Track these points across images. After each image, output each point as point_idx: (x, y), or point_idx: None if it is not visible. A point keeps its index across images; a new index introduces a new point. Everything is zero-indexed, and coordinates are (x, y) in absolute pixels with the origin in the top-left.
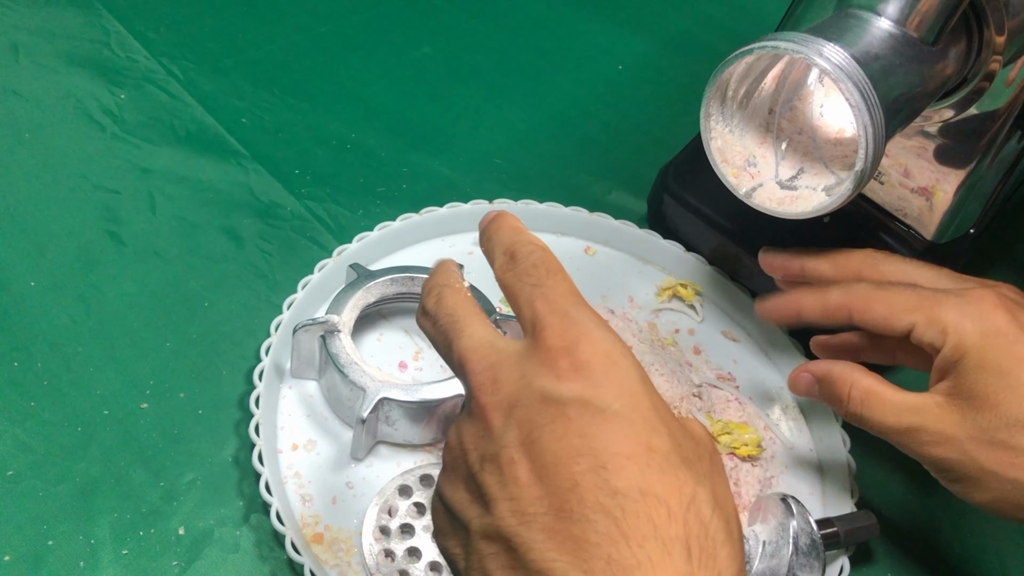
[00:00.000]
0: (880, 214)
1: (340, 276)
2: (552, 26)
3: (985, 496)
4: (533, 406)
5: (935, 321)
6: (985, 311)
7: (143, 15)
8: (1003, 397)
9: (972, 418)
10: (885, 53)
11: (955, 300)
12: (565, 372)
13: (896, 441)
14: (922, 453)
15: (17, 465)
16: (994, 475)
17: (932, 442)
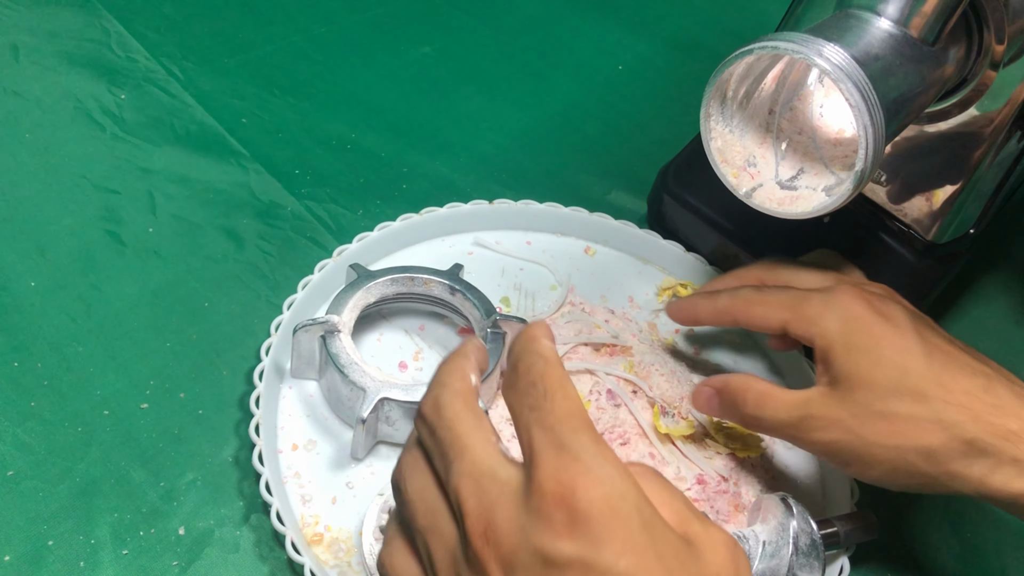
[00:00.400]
0: (880, 214)
1: (340, 276)
2: (552, 26)
3: (876, 471)
4: (534, 568)
5: (803, 318)
6: (844, 303)
7: (143, 15)
8: (872, 372)
9: (851, 398)
10: (885, 53)
11: (819, 297)
12: (563, 528)
13: (790, 435)
14: (814, 440)
15: (17, 465)
16: (879, 447)
17: (820, 427)
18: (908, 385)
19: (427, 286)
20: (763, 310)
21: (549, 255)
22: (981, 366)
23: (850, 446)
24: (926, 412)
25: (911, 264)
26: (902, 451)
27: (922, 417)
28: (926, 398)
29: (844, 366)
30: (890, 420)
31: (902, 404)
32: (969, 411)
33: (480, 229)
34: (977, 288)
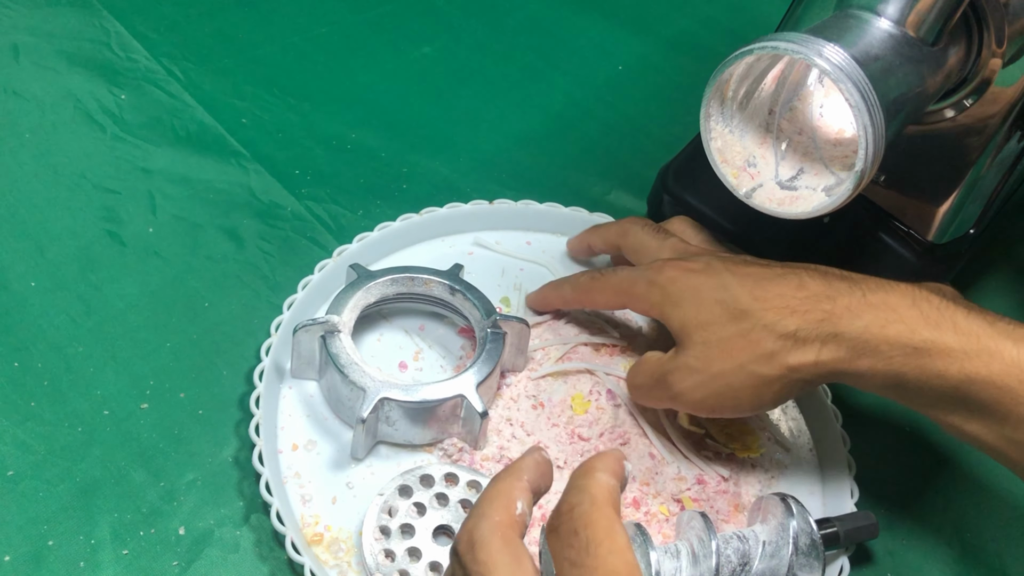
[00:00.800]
0: (880, 214)
1: (340, 276)
2: (552, 26)
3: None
4: None
5: (635, 298)
6: (664, 275)
7: (143, 15)
8: (698, 315)
9: (691, 343)
10: (885, 53)
11: (644, 278)
12: None
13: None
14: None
15: (17, 465)
16: (728, 372)
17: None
18: (729, 310)
19: (427, 286)
20: (603, 297)
21: (549, 255)
22: (791, 270)
23: (707, 385)
24: (750, 324)
25: (911, 264)
26: (746, 365)
27: (748, 330)
28: (746, 314)
29: (677, 320)
30: (725, 345)
31: (729, 327)
32: (785, 308)
33: (480, 229)
34: (977, 288)
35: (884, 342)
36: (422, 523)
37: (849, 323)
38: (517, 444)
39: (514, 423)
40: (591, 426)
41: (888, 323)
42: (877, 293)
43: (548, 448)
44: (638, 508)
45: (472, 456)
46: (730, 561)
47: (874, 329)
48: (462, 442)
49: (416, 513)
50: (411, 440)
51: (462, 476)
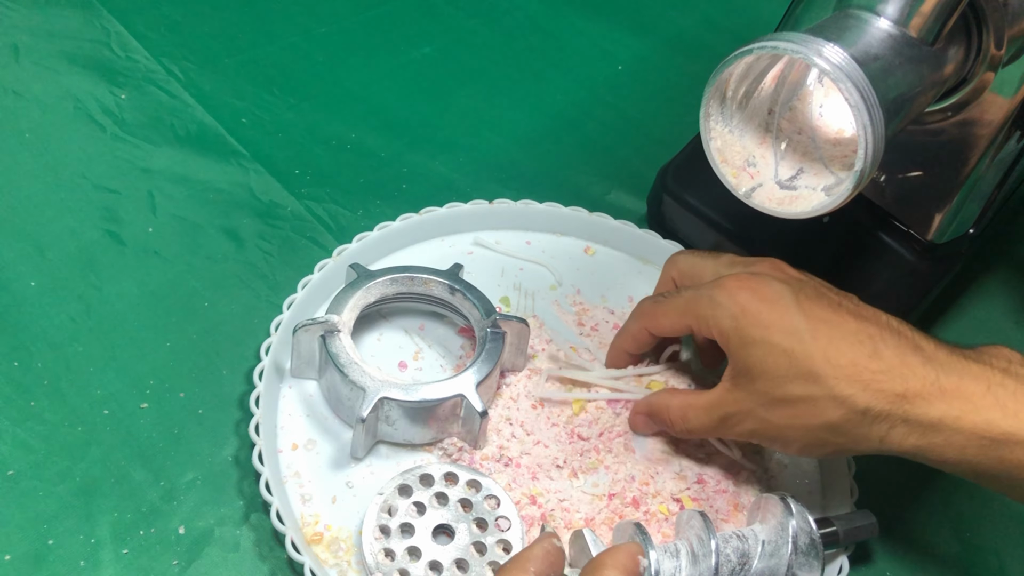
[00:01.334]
0: (879, 214)
1: (340, 276)
2: (552, 26)
3: (794, 448)
4: None
5: (700, 319)
6: (730, 296)
7: (143, 15)
8: (765, 362)
9: (753, 389)
10: (884, 53)
11: (708, 295)
12: None
13: (718, 435)
14: (737, 433)
15: (17, 465)
16: (788, 427)
17: (737, 422)
18: (799, 368)
19: (427, 286)
20: (667, 320)
21: (549, 255)
22: (866, 329)
23: (766, 431)
24: (820, 391)
25: (911, 264)
26: (810, 429)
27: (817, 397)
28: (817, 378)
29: (742, 360)
30: (791, 404)
31: (797, 387)
32: (858, 382)
33: (480, 229)
34: (977, 288)
35: (958, 433)
36: (422, 522)
37: (923, 411)
38: (517, 443)
39: (514, 423)
40: (591, 426)
41: (963, 414)
42: (951, 376)
43: (548, 447)
44: (638, 508)
45: (472, 456)
46: (729, 560)
47: (948, 420)
48: (462, 442)
49: (416, 512)
50: (411, 440)
51: (462, 476)
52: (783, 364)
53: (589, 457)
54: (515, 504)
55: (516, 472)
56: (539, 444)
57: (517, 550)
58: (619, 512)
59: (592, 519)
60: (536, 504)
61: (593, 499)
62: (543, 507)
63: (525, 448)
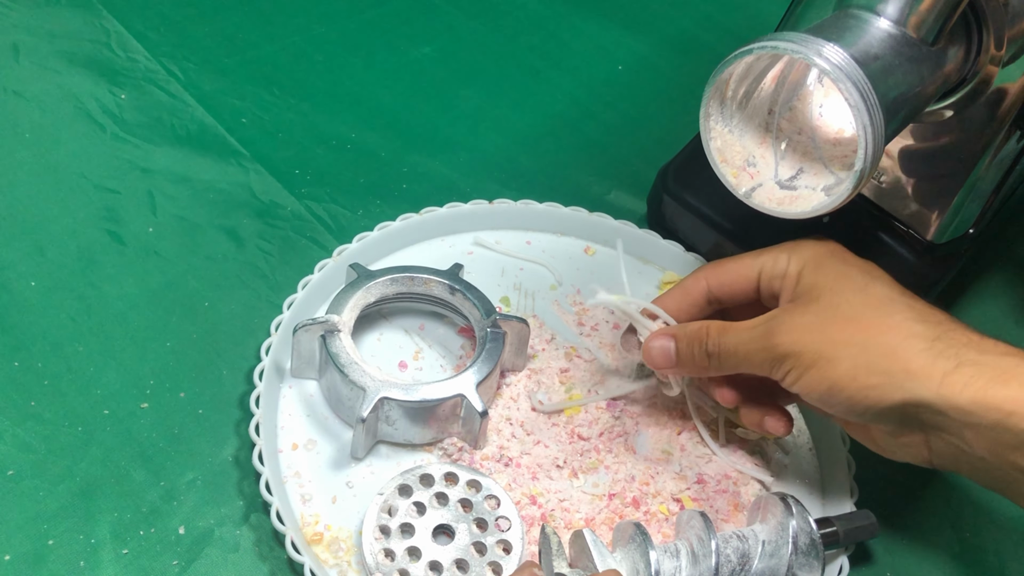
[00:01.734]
0: (879, 214)
1: (340, 276)
2: (552, 26)
3: (839, 368)
4: None
5: (778, 254)
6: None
7: (143, 15)
8: (840, 283)
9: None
10: (884, 53)
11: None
12: None
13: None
14: (776, 344)
15: (17, 465)
16: (844, 344)
17: (784, 332)
18: (875, 294)
19: (427, 286)
20: (735, 264)
21: (549, 255)
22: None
23: (814, 345)
24: (892, 319)
25: (911, 264)
26: (866, 347)
27: (888, 322)
28: (893, 302)
29: (814, 280)
30: (856, 321)
31: (868, 309)
32: (934, 315)
33: (480, 229)
34: (977, 288)
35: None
36: (422, 522)
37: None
38: (517, 443)
39: (514, 423)
40: (591, 426)
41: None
42: None
43: (548, 447)
44: (638, 508)
45: (472, 456)
46: (729, 560)
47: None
48: (462, 441)
49: (416, 512)
50: (411, 440)
51: (462, 476)
52: (859, 287)
53: (589, 457)
54: (515, 504)
55: (516, 472)
56: (539, 444)
57: (517, 550)
58: (619, 512)
59: (592, 519)
60: (536, 504)
61: (593, 499)
62: (543, 507)
63: (525, 448)
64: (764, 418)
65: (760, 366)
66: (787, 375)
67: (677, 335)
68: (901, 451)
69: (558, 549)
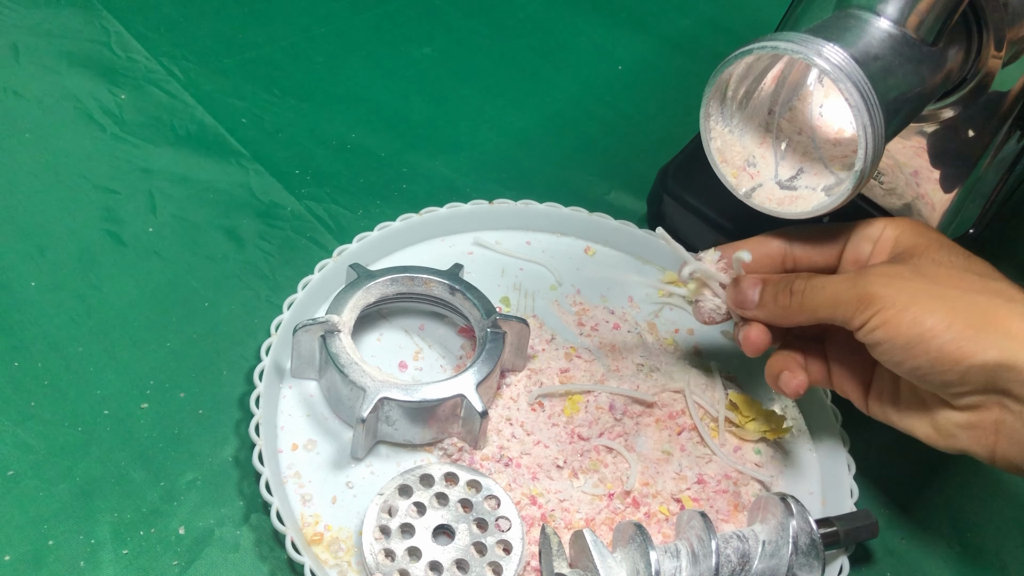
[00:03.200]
0: (879, 214)
1: (340, 276)
2: (552, 26)
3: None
4: None
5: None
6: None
7: (143, 15)
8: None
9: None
10: (884, 53)
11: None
12: None
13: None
14: (871, 293)
15: (17, 465)
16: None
17: (880, 275)
18: (976, 262)
19: (427, 286)
20: (820, 228)
21: (549, 255)
22: None
23: (910, 291)
24: (995, 284)
25: None
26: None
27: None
28: (993, 275)
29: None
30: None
31: (969, 273)
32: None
33: (480, 229)
34: None
35: None
36: (422, 523)
37: None
38: (517, 444)
39: (514, 423)
40: (591, 426)
41: None
42: None
43: (548, 447)
44: (638, 508)
45: (472, 456)
46: (730, 561)
47: None
48: (462, 442)
49: (416, 513)
50: (411, 440)
51: (462, 476)
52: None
53: (589, 457)
54: (515, 504)
55: (516, 472)
56: (539, 444)
57: (517, 550)
58: (619, 512)
59: (592, 519)
60: (536, 504)
61: (593, 499)
62: (543, 507)
63: (525, 448)
64: (782, 373)
65: (845, 307)
66: (873, 317)
67: (765, 279)
68: (964, 436)
69: (558, 549)
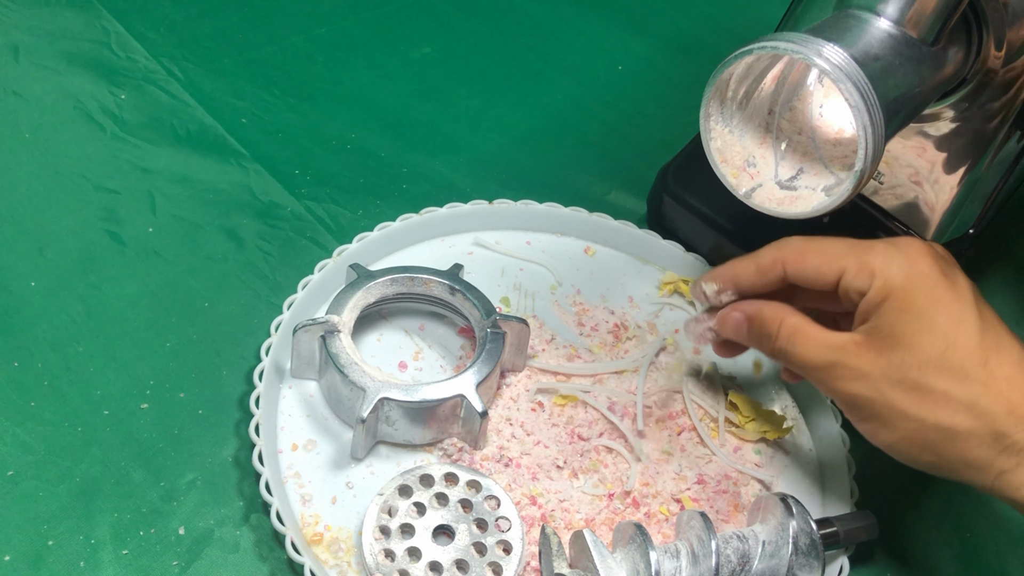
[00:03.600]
0: (879, 214)
1: (340, 276)
2: (552, 26)
3: (892, 436)
4: None
5: (864, 265)
6: (912, 256)
7: (143, 15)
8: (919, 338)
9: (888, 357)
10: (884, 53)
11: (884, 246)
12: None
13: (816, 378)
14: (838, 388)
15: (17, 465)
16: (902, 414)
17: (848, 377)
18: (952, 360)
19: (427, 286)
20: (819, 258)
21: (549, 255)
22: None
23: (872, 404)
24: (962, 393)
25: None
26: (924, 424)
27: (956, 397)
28: (967, 378)
29: (893, 324)
30: (922, 392)
31: (940, 379)
32: (1007, 402)
33: (480, 229)
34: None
35: None
36: (422, 523)
37: None
38: (517, 444)
39: (514, 423)
40: (591, 426)
41: None
42: None
43: (548, 447)
44: (638, 508)
45: (472, 456)
46: (730, 561)
47: None
48: (462, 442)
49: (416, 513)
50: (411, 440)
51: (462, 476)
52: (938, 348)
53: (589, 457)
54: (515, 504)
55: (516, 472)
56: (539, 444)
57: (517, 550)
58: (619, 512)
59: (592, 519)
60: (536, 504)
61: (593, 499)
62: (543, 507)
63: (525, 448)
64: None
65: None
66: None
67: (753, 317)
68: None
69: (558, 549)
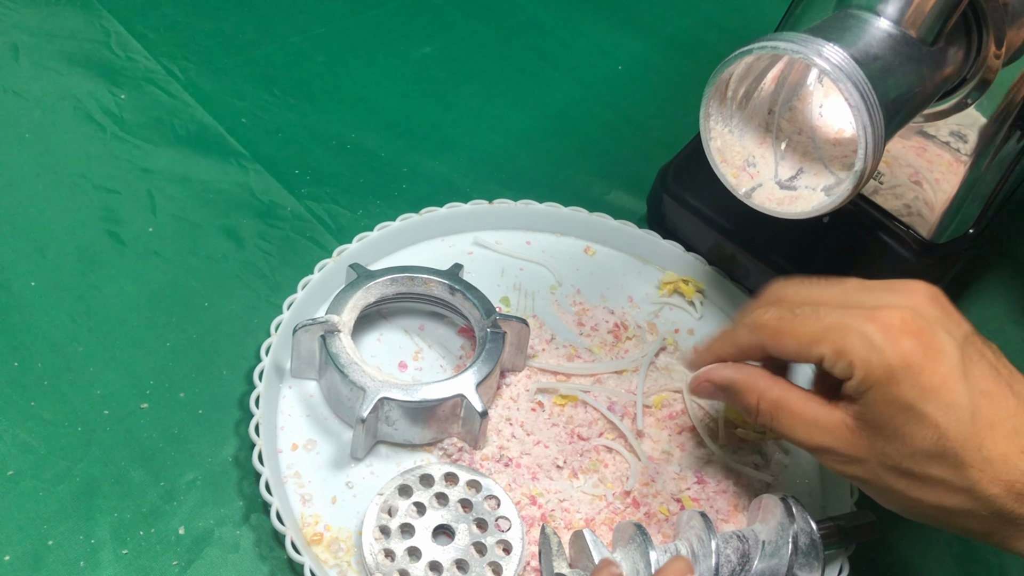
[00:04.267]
0: (879, 214)
1: (340, 276)
2: (552, 26)
3: (895, 506)
4: None
5: (842, 354)
6: (892, 340)
7: (143, 15)
8: (908, 430)
9: (880, 446)
10: (884, 53)
11: (859, 328)
12: None
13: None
14: (835, 469)
15: (17, 465)
16: (901, 494)
17: (842, 461)
18: (945, 449)
19: (427, 286)
20: (795, 342)
21: (549, 255)
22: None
23: (869, 484)
24: (959, 481)
25: (910, 264)
26: (923, 505)
27: (953, 484)
28: (961, 466)
29: (880, 416)
30: (918, 478)
31: (935, 468)
32: (1003, 483)
33: (480, 229)
34: (977, 288)
35: None
36: (422, 523)
37: None
38: (517, 444)
39: (514, 423)
40: (591, 426)
41: None
42: None
43: (548, 447)
44: (638, 508)
45: (472, 456)
46: (730, 561)
47: None
48: (462, 442)
49: (416, 513)
50: (411, 440)
51: (462, 476)
52: (929, 440)
53: (589, 457)
54: (515, 504)
55: (516, 472)
56: (539, 444)
57: (517, 550)
58: (619, 512)
59: (592, 519)
60: (536, 504)
61: (593, 499)
62: (543, 507)
63: (525, 448)
64: None
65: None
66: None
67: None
68: None
69: (558, 549)
